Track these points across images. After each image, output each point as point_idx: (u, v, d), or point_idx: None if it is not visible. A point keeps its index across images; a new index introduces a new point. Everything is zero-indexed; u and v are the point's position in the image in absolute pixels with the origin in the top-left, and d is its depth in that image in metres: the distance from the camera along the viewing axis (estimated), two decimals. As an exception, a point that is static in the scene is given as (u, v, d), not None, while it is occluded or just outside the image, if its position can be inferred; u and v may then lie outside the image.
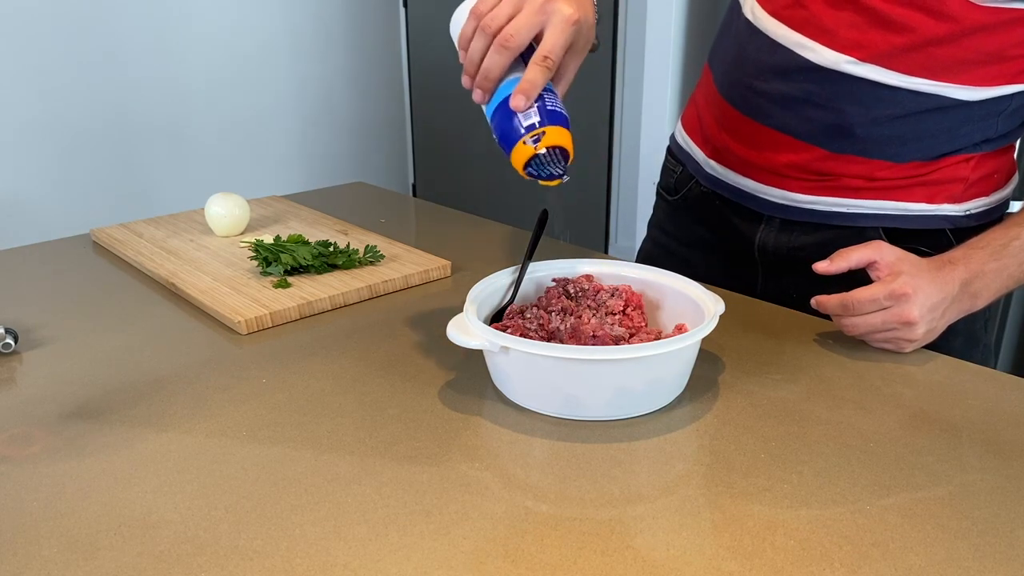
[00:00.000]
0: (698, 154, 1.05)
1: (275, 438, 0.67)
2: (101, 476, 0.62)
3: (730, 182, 1.00)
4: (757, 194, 0.97)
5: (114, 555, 0.54)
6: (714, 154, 1.01)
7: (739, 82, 0.95)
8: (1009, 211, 0.95)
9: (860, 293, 0.77)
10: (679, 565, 0.53)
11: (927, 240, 0.90)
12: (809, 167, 0.92)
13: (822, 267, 0.80)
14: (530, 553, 0.54)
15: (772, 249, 0.98)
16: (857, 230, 0.92)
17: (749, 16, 0.93)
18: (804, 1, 0.86)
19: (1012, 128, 0.89)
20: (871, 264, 0.79)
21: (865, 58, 0.84)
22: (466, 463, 0.64)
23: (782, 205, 0.95)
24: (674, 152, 1.12)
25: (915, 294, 0.76)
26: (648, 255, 1.16)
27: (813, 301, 0.82)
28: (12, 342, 0.82)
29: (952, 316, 0.79)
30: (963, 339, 0.91)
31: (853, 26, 0.84)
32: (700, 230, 1.07)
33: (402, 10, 3.40)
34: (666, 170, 1.13)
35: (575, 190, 3.06)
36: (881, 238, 0.90)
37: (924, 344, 0.80)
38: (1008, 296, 1.92)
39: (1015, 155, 0.96)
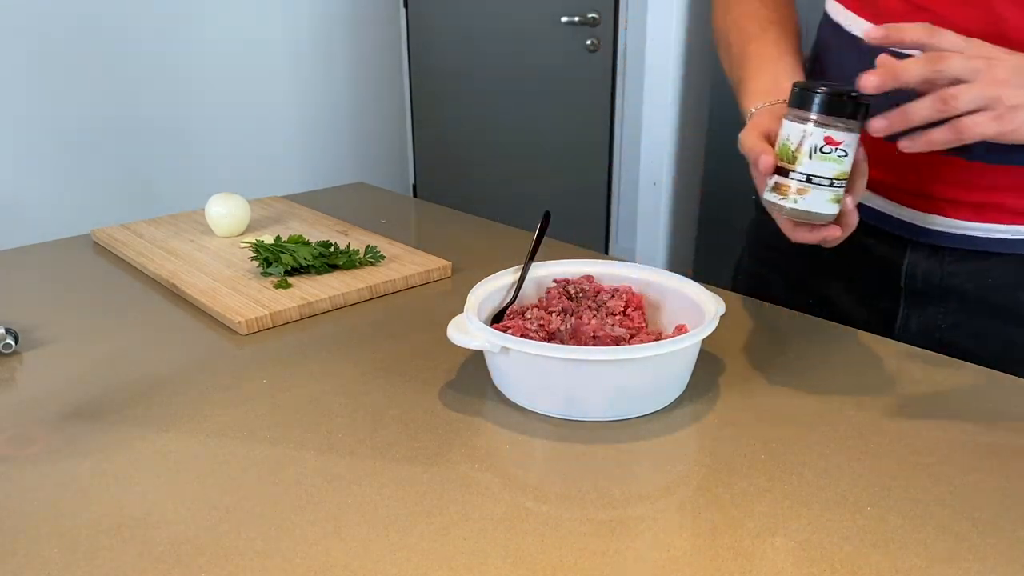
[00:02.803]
0: None
1: (275, 438, 0.67)
2: (101, 476, 0.62)
3: (872, 206, 0.88)
4: (904, 219, 0.85)
5: (114, 555, 0.54)
6: None
7: (876, 108, 0.82)
8: None
9: (939, 44, 0.65)
10: (679, 566, 0.53)
11: None
12: (968, 185, 0.81)
13: (871, 83, 0.65)
14: (530, 553, 0.54)
15: (923, 277, 0.86)
16: (1019, 258, 0.81)
17: (859, 35, 0.81)
18: (925, 3, 0.76)
19: None
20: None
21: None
22: (466, 463, 0.64)
23: (933, 231, 0.84)
24: None
25: (991, 47, 0.64)
26: (757, 280, 1.02)
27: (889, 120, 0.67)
28: (12, 342, 0.82)
29: None
30: None
31: (991, 11, 0.73)
32: (831, 255, 0.91)
33: (402, 10, 3.40)
34: None
35: (575, 190, 3.06)
36: None
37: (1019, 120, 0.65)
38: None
39: None
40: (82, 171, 2.67)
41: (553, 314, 0.78)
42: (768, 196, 0.70)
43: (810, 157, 0.66)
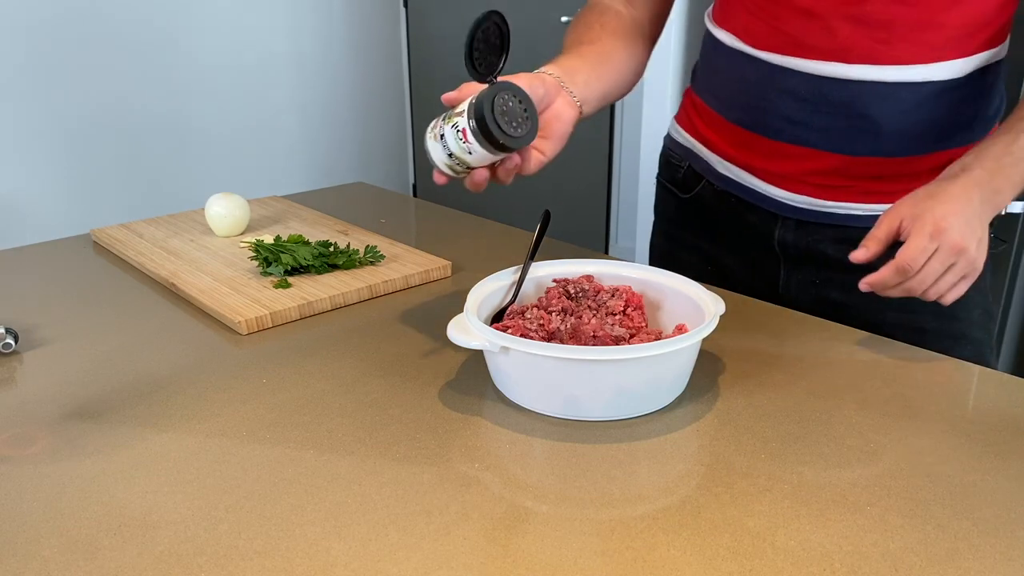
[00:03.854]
0: (709, 156, 1.05)
1: (275, 438, 0.67)
2: (101, 476, 0.62)
3: (746, 184, 1.01)
4: (774, 197, 0.98)
5: (114, 555, 0.54)
6: (727, 159, 1.02)
7: (748, 107, 0.96)
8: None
9: (907, 251, 0.74)
10: (679, 565, 0.53)
11: None
12: (832, 173, 0.93)
13: (860, 256, 0.77)
14: (530, 553, 0.54)
15: (792, 243, 0.99)
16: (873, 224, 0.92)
17: (738, 48, 0.95)
18: (783, 28, 0.89)
19: (995, 110, 0.92)
20: (899, 228, 0.77)
21: (859, 60, 0.86)
22: (466, 463, 0.64)
23: (799, 208, 0.96)
24: (675, 149, 1.12)
25: (949, 221, 0.74)
26: (664, 251, 1.16)
27: (864, 284, 0.78)
28: (12, 342, 0.82)
29: (987, 216, 0.77)
30: (973, 348, 0.95)
31: (833, 33, 0.86)
32: (717, 225, 1.07)
33: (402, 10, 3.40)
34: (670, 165, 1.13)
35: (575, 190, 3.06)
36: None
37: (983, 257, 0.77)
38: (1008, 295, 1.92)
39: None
40: (82, 171, 2.67)
41: (553, 314, 0.78)
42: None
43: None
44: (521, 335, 0.73)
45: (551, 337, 0.75)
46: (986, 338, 0.98)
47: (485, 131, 0.72)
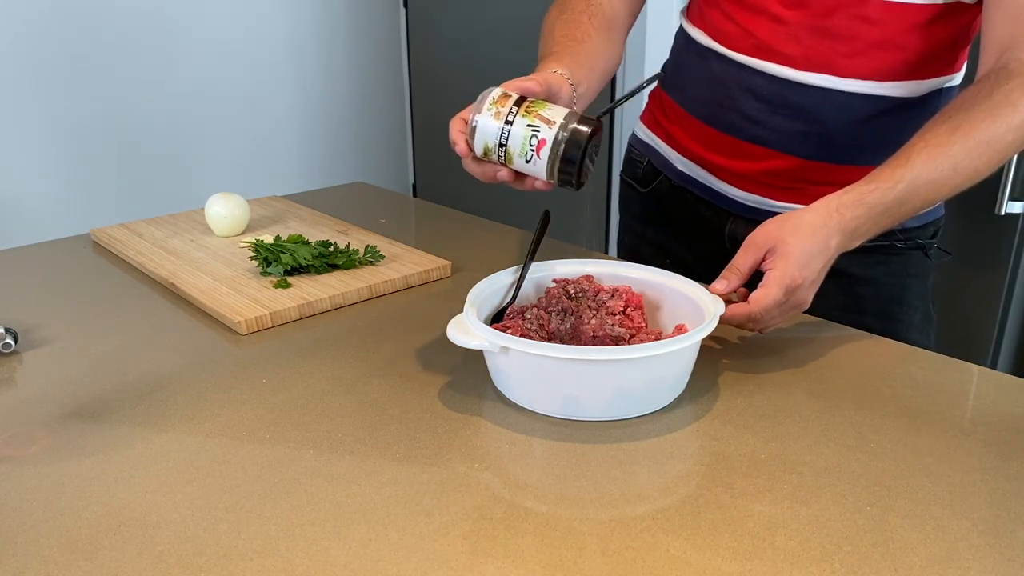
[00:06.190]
0: (669, 152, 1.09)
1: (275, 438, 0.67)
2: (101, 476, 0.62)
3: (702, 181, 1.05)
4: (728, 195, 1.03)
5: (114, 555, 0.54)
6: (686, 155, 1.06)
7: (712, 103, 1.00)
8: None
9: (762, 301, 0.76)
10: (679, 565, 0.53)
11: (880, 238, 0.93)
12: (784, 174, 0.97)
13: (720, 288, 0.78)
14: (530, 553, 0.54)
15: (741, 238, 0.98)
16: None
17: (709, 46, 0.99)
18: (753, 31, 0.94)
19: None
20: (763, 260, 0.79)
21: (819, 69, 0.90)
22: (466, 463, 0.64)
23: (750, 206, 1.01)
24: (637, 146, 1.17)
25: (805, 274, 0.76)
26: (627, 246, 1.21)
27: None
28: (12, 342, 0.82)
29: (835, 257, 0.80)
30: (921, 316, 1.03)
31: (799, 41, 0.90)
32: (672, 220, 1.12)
33: (402, 10, 3.40)
34: (632, 161, 1.18)
35: (575, 190, 3.06)
36: None
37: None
38: (1008, 295, 1.92)
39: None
40: (82, 171, 2.67)
41: (553, 314, 0.78)
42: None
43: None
44: (521, 335, 0.73)
45: (551, 337, 0.75)
46: (925, 341, 1.01)
47: (566, 168, 0.71)
